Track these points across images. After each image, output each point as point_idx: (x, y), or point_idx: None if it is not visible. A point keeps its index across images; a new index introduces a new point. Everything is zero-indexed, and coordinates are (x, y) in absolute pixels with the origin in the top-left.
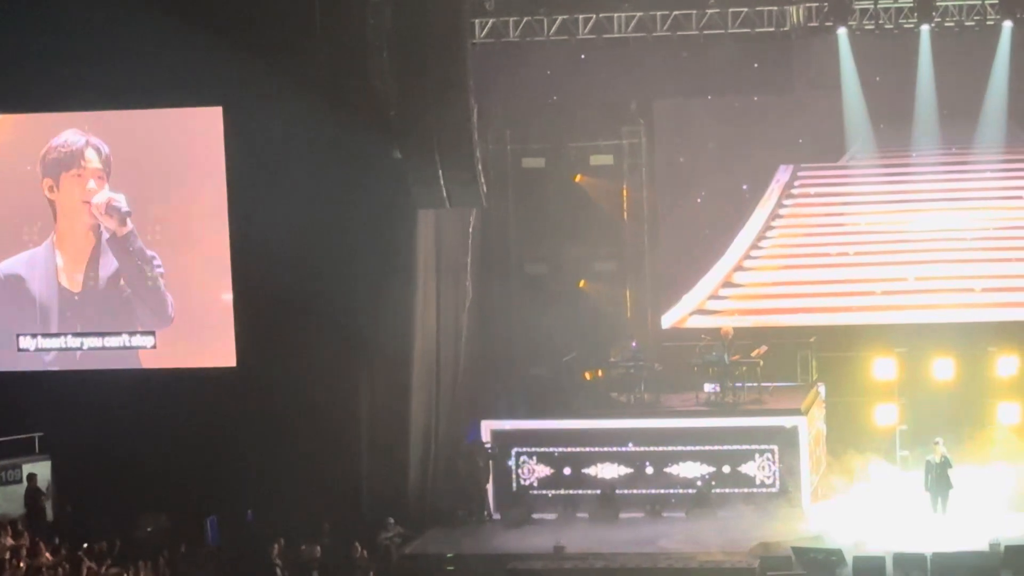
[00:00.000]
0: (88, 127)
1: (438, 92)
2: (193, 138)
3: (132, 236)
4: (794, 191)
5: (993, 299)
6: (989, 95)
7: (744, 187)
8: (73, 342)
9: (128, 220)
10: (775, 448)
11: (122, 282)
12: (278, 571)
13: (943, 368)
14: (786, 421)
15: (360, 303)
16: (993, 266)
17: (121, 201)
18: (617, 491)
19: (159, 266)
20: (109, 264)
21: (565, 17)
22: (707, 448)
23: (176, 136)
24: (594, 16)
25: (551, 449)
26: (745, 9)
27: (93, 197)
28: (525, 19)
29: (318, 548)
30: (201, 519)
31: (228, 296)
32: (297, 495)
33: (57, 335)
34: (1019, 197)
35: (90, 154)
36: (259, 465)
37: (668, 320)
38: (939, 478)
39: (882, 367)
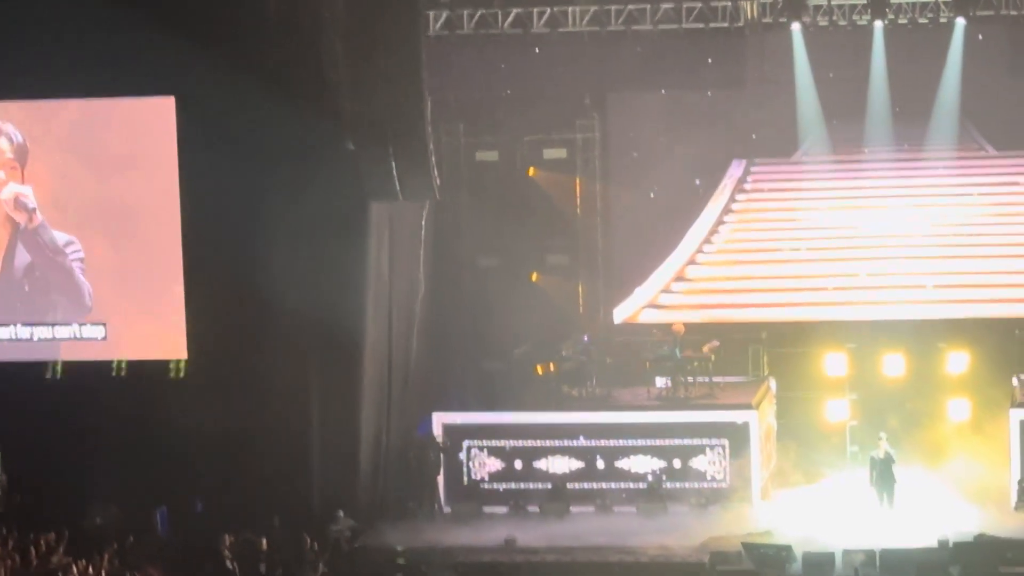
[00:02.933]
0: (6, 116)
1: (392, 84)
2: (145, 127)
3: (42, 228)
4: (747, 186)
5: (944, 296)
6: (941, 93)
7: (697, 182)
8: (23, 332)
9: (37, 213)
10: (726, 443)
11: (37, 273)
12: (227, 563)
13: (894, 364)
14: (737, 416)
15: (312, 295)
16: (944, 263)
17: (28, 195)
18: (568, 485)
19: (76, 253)
20: (24, 255)
21: (519, 11)
22: (658, 443)
23: (128, 125)
24: (549, 10)
25: (502, 442)
26: (699, 4)
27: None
28: (479, 12)
29: (264, 540)
30: (151, 510)
31: (179, 288)
32: (247, 487)
33: (6, 325)
34: (970, 195)
35: (2, 143)
36: (209, 456)
37: (620, 314)
38: (883, 474)
39: (833, 363)
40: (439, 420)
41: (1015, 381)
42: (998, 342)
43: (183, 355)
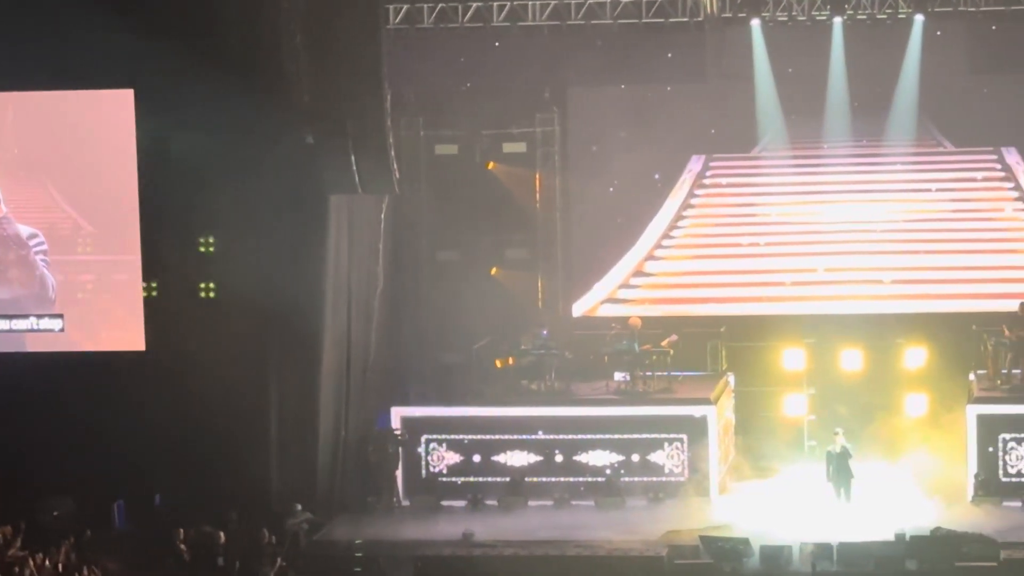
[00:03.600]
0: None
1: (351, 77)
2: (104, 120)
3: (6, 220)
4: (706, 181)
5: (902, 291)
6: (900, 88)
7: (656, 176)
8: None
9: (2, 205)
10: (684, 437)
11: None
12: (184, 556)
13: (851, 359)
14: (696, 410)
15: (271, 288)
16: (902, 258)
17: None
18: (526, 479)
19: (40, 246)
20: None
21: (479, 4)
22: (617, 437)
23: (87, 118)
24: (508, 3)
25: (461, 436)
26: None
27: None
28: (439, 5)
29: (221, 534)
30: (108, 503)
31: (137, 279)
32: (205, 480)
33: None
34: (928, 190)
35: None
36: (167, 449)
37: (579, 308)
38: (840, 468)
39: (791, 357)
40: (398, 414)
41: (972, 376)
42: (955, 337)
43: (140, 347)
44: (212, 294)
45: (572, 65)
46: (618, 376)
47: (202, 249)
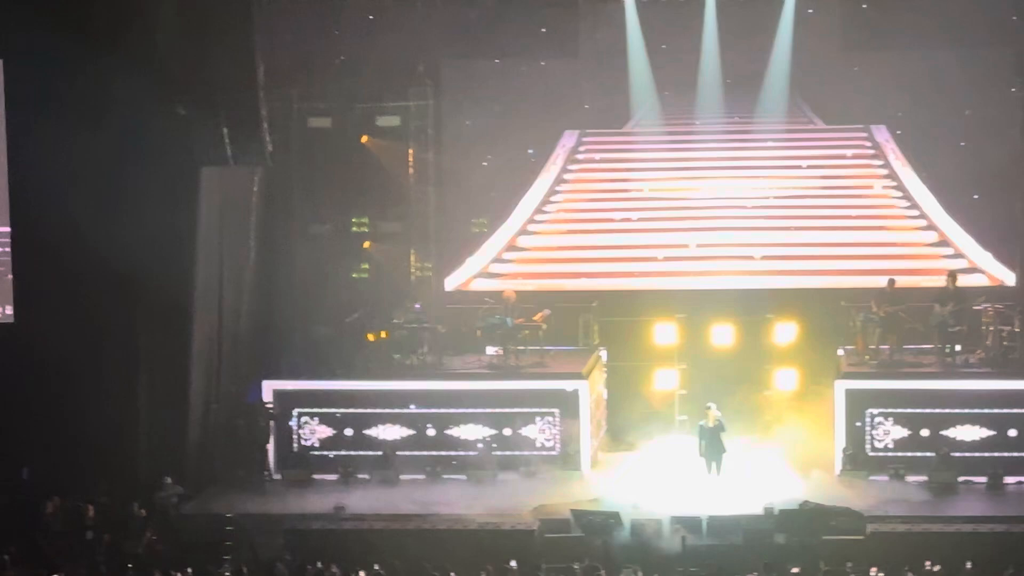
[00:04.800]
0: None
1: (223, 48)
2: None
3: None
4: (579, 156)
5: (772, 267)
6: (772, 65)
7: (530, 151)
8: None
9: None
10: (556, 411)
11: None
12: (52, 530)
13: (722, 334)
14: (568, 385)
15: (141, 260)
16: (773, 234)
17: None
18: (398, 453)
19: None
20: None
21: None
22: (489, 411)
23: None
24: None
25: (333, 410)
26: None
27: None
28: None
29: (90, 507)
30: None
31: (6, 250)
32: (74, 453)
33: None
34: (799, 167)
35: None
36: (36, 422)
37: (452, 283)
38: (712, 442)
39: (663, 332)
40: (269, 387)
41: (840, 352)
42: (824, 313)
43: (8, 316)
44: (83, 265)
45: (446, 39)
46: (490, 350)
47: (71, 220)
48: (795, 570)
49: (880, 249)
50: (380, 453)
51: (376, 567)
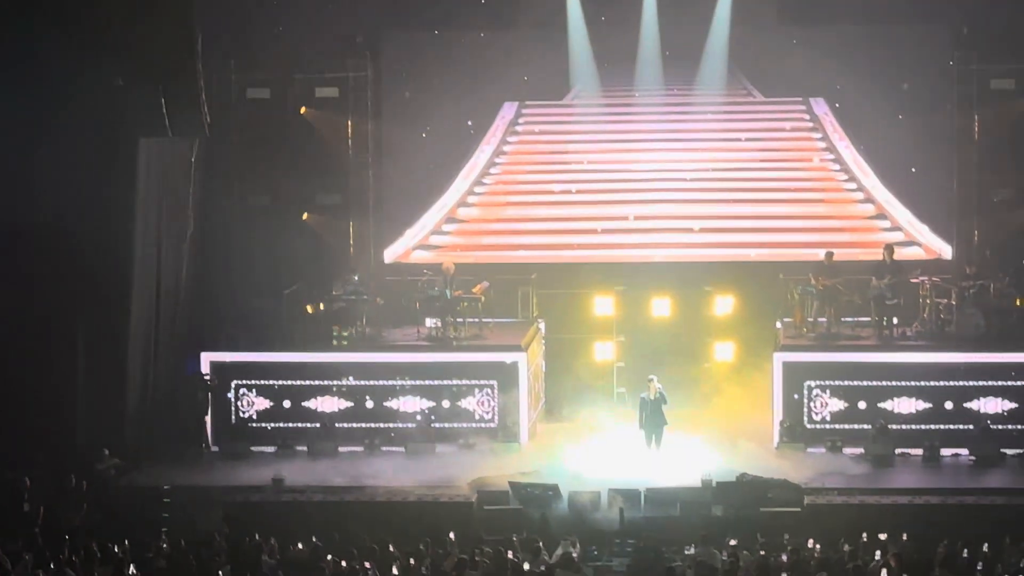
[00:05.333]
0: None
1: (161, 19)
2: None
3: None
4: (518, 128)
5: (711, 239)
6: (711, 38)
7: (469, 123)
8: None
9: None
10: (495, 383)
11: None
12: None
13: (661, 306)
14: (506, 357)
15: (79, 231)
16: (711, 207)
17: None
18: (336, 425)
19: None
20: None
21: None
22: (427, 383)
23: None
24: None
25: (271, 382)
26: None
27: None
28: None
29: (27, 479)
30: None
31: None
32: (9, 425)
33: None
34: (738, 139)
35: None
36: None
37: (391, 254)
38: (653, 415)
39: (601, 304)
40: (207, 359)
41: (779, 324)
42: (763, 286)
43: None
44: (20, 236)
45: (385, 9)
46: (429, 322)
47: (8, 190)
48: (732, 542)
49: (818, 222)
50: (318, 425)
51: (314, 539)
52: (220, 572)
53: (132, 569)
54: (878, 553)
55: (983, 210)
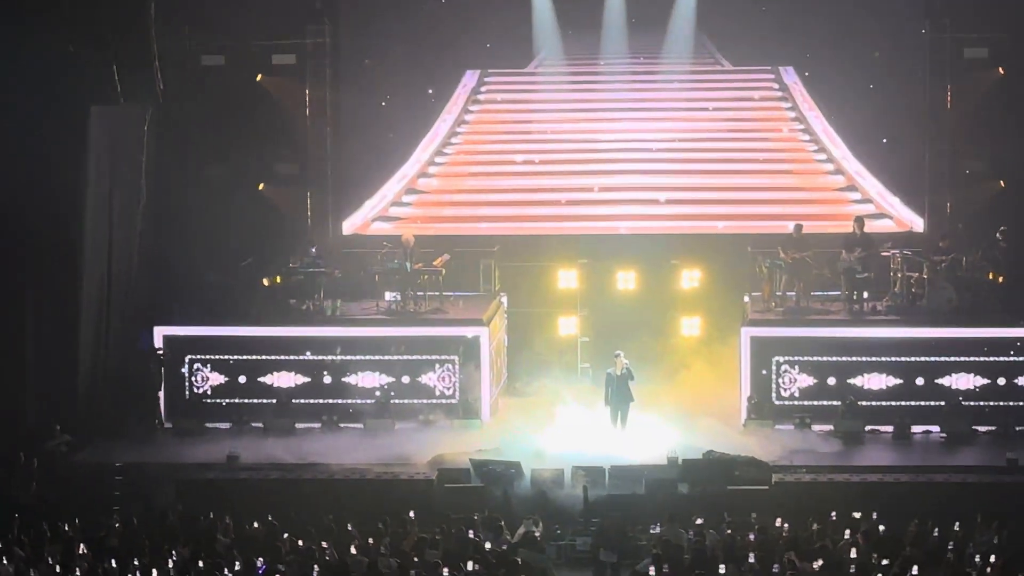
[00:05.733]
0: None
1: None
2: None
3: None
4: (480, 97)
5: (677, 211)
6: (677, 5)
7: (430, 91)
8: None
9: None
10: (455, 359)
11: None
12: None
13: (626, 280)
14: (467, 331)
15: (28, 202)
16: (678, 178)
17: None
18: (293, 401)
19: None
20: None
21: None
22: (386, 358)
23: None
24: None
25: (226, 357)
26: None
27: None
28: None
29: None
30: None
31: None
32: None
33: None
34: (705, 109)
35: None
36: None
37: (349, 226)
38: (619, 391)
39: (565, 277)
40: (160, 333)
41: (747, 298)
42: (730, 259)
43: None
44: None
45: None
46: (388, 296)
47: None
48: (699, 521)
49: (787, 194)
50: (275, 401)
51: (270, 518)
52: (173, 551)
53: (83, 548)
54: (847, 532)
55: (956, 182)
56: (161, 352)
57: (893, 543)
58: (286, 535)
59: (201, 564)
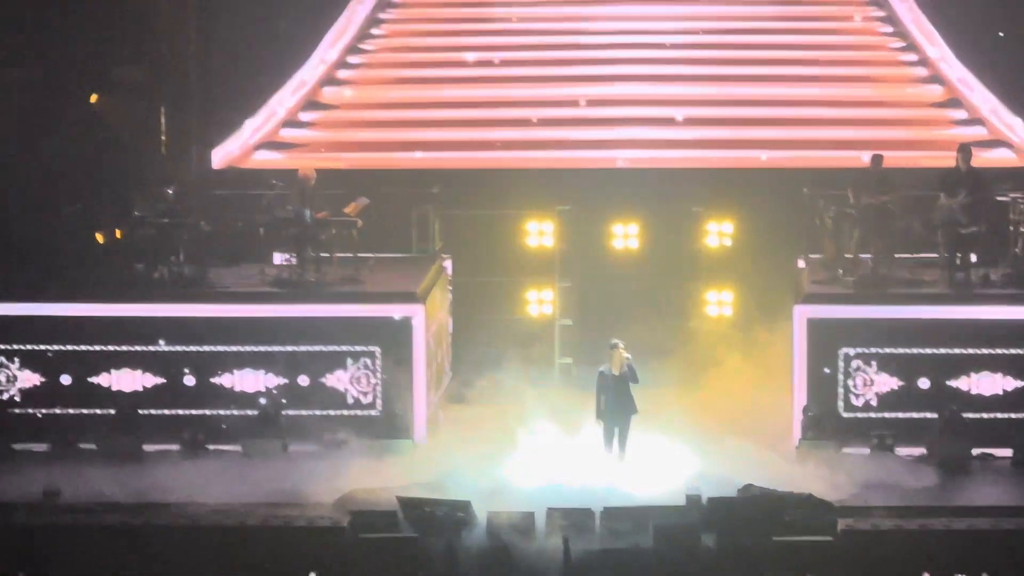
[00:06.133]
0: None
1: None
2: None
3: None
4: None
5: (700, 135)
6: None
7: None
8: None
9: None
10: (377, 351)
11: None
12: None
13: (626, 236)
14: (394, 310)
15: None
16: (701, 86)
17: None
18: (140, 411)
19: None
20: None
21: None
22: (276, 349)
23: None
24: None
25: (42, 347)
26: None
27: None
28: None
29: None
30: None
31: None
32: None
33: None
34: None
35: None
36: None
37: (222, 156)
38: (617, 398)
39: (537, 232)
40: None
41: (801, 263)
42: (778, 205)
43: None
44: None
45: None
46: (279, 258)
47: None
48: None
49: (861, 111)
50: (114, 412)
51: None
52: None
53: None
54: None
55: None
56: None
57: None
58: None
59: None
